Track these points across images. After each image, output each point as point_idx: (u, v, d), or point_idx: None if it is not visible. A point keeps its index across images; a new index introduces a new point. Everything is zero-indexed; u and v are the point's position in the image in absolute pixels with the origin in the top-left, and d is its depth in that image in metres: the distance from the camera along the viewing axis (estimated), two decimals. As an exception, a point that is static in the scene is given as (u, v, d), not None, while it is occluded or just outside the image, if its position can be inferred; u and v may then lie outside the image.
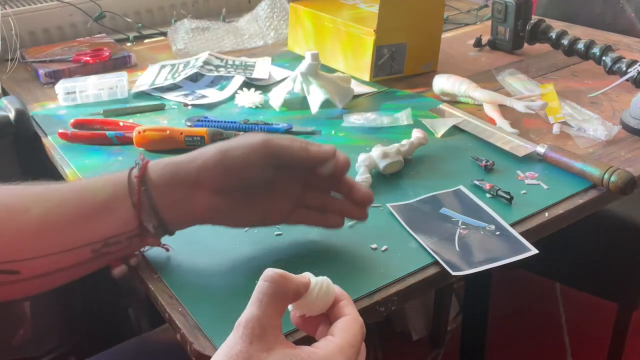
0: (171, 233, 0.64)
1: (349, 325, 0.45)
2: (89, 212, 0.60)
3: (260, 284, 0.43)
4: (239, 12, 1.49)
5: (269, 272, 0.43)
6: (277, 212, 0.66)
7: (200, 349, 0.56)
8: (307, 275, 0.47)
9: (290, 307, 0.47)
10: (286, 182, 0.65)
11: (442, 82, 1.04)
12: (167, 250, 0.66)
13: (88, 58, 1.21)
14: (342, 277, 0.58)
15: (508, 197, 0.75)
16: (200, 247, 0.69)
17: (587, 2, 1.51)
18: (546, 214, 0.74)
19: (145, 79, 1.16)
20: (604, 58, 1.08)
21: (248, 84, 1.12)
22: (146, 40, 1.41)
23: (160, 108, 1.06)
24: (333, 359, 0.42)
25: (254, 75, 1.15)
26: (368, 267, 0.65)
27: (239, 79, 1.12)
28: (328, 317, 0.47)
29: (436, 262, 0.66)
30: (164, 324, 0.88)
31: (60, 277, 0.60)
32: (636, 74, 1.02)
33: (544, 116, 0.95)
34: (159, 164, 0.62)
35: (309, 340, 0.48)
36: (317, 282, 0.47)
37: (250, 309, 0.42)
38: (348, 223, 0.73)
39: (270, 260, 0.67)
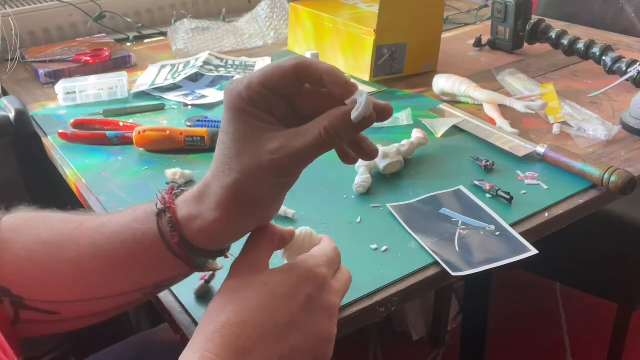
0: (227, 250, 0.59)
1: (322, 246, 0.54)
2: (130, 263, 0.54)
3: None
4: (239, 12, 1.49)
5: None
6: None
7: (200, 349, 0.56)
8: (292, 228, 0.55)
9: (281, 256, 0.56)
10: None
11: (442, 82, 1.04)
12: (227, 257, 0.59)
13: (88, 58, 1.21)
14: (342, 277, 0.58)
15: (508, 197, 0.75)
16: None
17: (587, 2, 1.51)
18: (546, 214, 0.74)
19: (145, 79, 1.15)
20: (604, 58, 1.08)
21: (248, 84, 1.12)
22: (146, 40, 1.41)
23: (160, 108, 1.06)
24: (304, 263, 0.50)
25: (254, 75, 1.15)
26: (368, 267, 0.65)
27: (239, 79, 1.12)
28: None
29: (436, 263, 0.66)
30: (164, 323, 0.88)
31: (105, 315, 0.57)
32: (636, 74, 1.02)
33: (544, 116, 0.95)
34: (191, 222, 0.52)
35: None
36: (302, 230, 0.56)
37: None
38: (348, 222, 0.73)
39: (270, 260, 0.66)
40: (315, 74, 0.49)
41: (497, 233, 0.70)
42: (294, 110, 0.51)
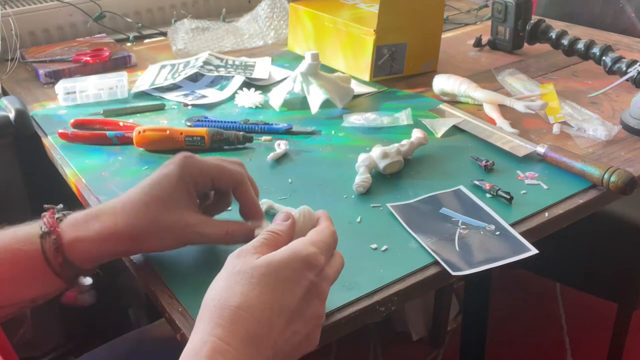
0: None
1: (319, 230, 0.56)
2: (9, 281, 0.58)
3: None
4: (239, 12, 1.49)
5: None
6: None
7: (200, 349, 0.56)
8: (289, 209, 0.58)
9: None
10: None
11: (442, 82, 1.04)
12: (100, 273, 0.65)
13: (88, 58, 1.21)
14: (342, 277, 0.57)
15: (508, 197, 0.75)
16: (200, 246, 0.69)
17: (587, 2, 1.51)
18: (546, 214, 0.74)
19: (145, 79, 1.16)
20: (604, 58, 1.08)
21: (248, 84, 1.12)
22: (146, 40, 1.41)
23: (160, 108, 1.06)
24: (305, 248, 0.52)
25: (254, 75, 1.15)
26: (368, 267, 0.65)
27: (239, 79, 1.12)
28: None
29: (436, 262, 0.66)
30: (159, 319, 0.88)
31: None
32: (636, 74, 1.02)
33: (544, 116, 0.95)
34: (76, 244, 0.58)
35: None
36: (300, 211, 0.58)
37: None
38: (348, 222, 0.73)
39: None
40: (240, 195, 0.64)
41: (497, 233, 0.70)
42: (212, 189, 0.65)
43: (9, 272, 0.57)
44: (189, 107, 1.06)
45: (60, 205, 0.62)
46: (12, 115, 0.99)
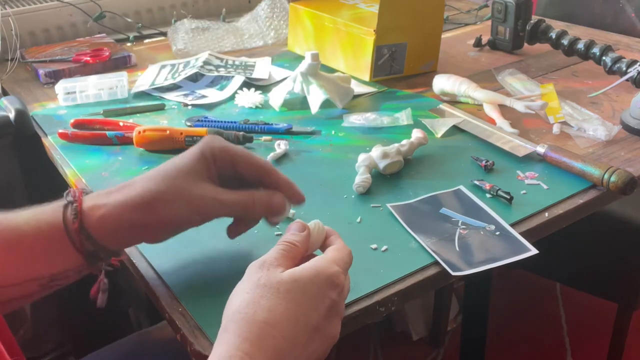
0: (119, 255, 0.64)
1: (339, 248, 0.56)
2: (31, 252, 0.58)
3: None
4: (239, 12, 1.49)
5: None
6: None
7: (200, 349, 0.56)
8: (301, 221, 0.58)
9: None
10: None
11: (442, 82, 1.04)
12: (117, 265, 0.65)
13: (88, 58, 1.21)
14: (342, 277, 0.58)
15: (508, 197, 0.75)
16: (200, 247, 0.69)
17: (587, 2, 1.51)
18: (546, 214, 0.74)
19: (145, 79, 1.16)
20: (604, 58, 1.08)
21: (248, 84, 1.12)
22: (146, 40, 1.41)
23: (160, 108, 1.06)
24: (331, 267, 0.52)
25: (254, 75, 1.15)
26: (368, 267, 0.65)
27: (239, 79, 1.12)
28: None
29: (436, 262, 0.66)
30: (161, 322, 0.88)
31: (3, 308, 0.60)
32: (636, 74, 1.02)
33: (544, 116, 0.95)
34: (94, 211, 0.58)
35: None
36: (312, 225, 0.58)
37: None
38: (348, 222, 0.73)
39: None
40: (273, 180, 0.63)
41: (497, 233, 0.70)
42: (234, 177, 0.63)
43: (31, 243, 0.57)
44: (189, 107, 1.06)
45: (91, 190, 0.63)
46: (12, 115, 0.99)
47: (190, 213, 0.60)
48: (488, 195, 0.77)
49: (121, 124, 0.97)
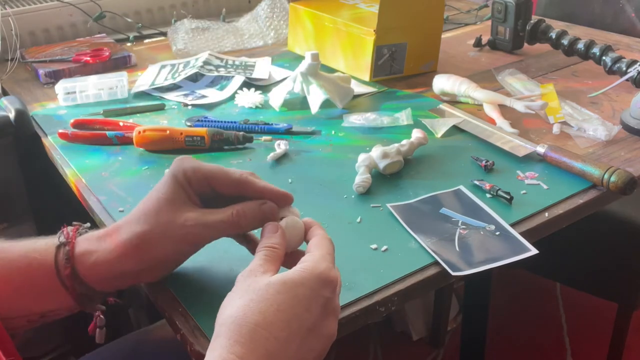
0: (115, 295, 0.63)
1: (320, 242, 0.55)
2: (21, 289, 0.58)
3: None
4: (239, 12, 1.49)
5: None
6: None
7: (200, 349, 0.56)
8: (272, 222, 0.57)
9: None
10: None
11: (442, 82, 1.04)
12: (112, 302, 0.64)
13: (88, 58, 1.21)
14: (342, 277, 0.57)
15: (508, 197, 0.75)
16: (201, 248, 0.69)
17: (587, 2, 1.51)
18: (546, 214, 0.74)
19: (145, 79, 1.16)
20: (604, 58, 1.08)
21: (248, 84, 1.12)
22: (146, 40, 1.41)
23: (160, 108, 1.06)
24: (319, 265, 0.51)
25: (254, 75, 1.15)
26: (368, 267, 0.65)
27: (239, 79, 1.12)
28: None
29: (436, 262, 0.66)
30: (160, 321, 0.88)
31: None
32: (636, 74, 1.02)
33: (544, 116, 0.95)
34: (87, 257, 0.58)
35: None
36: (286, 222, 0.57)
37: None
38: (348, 222, 0.73)
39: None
40: (254, 191, 0.59)
41: (497, 233, 0.70)
42: (216, 195, 0.60)
43: (22, 280, 0.57)
44: (189, 107, 1.06)
45: (88, 224, 0.62)
46: (12, 115, 0.99)
47: (178, 246, 0.58)
48: (488, 195, 0.77)
49: (121, 124, 0.97)
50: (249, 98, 1.05)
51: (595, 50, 1.10)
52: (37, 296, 0.58)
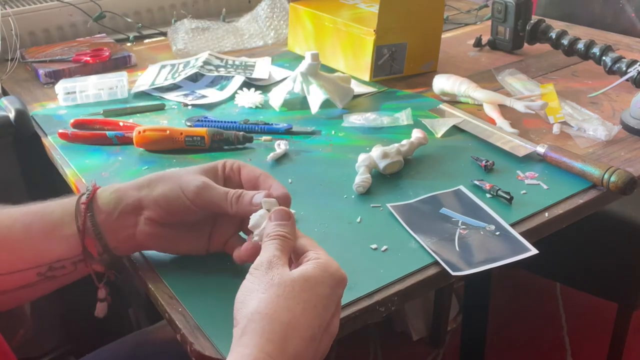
0: (116, 259, 0.64)
1: (312, 242, 0.55)
2: (35, 236, 0.60)
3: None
4: (239, 12, 1.49)
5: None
6: (219, 239, 0.65)
7: (200, 349, 0.56)
8: (283, 208, 0.57)
9: (253, 239, 0.58)
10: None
11: (442, 82, 1.04)
12: (114, 276, 0.66)
13: (88, 58, 1.21)
14: (342, 277, 0.58)
15: (508, 197, 0.75)
16: (200, 247, 0.69)
17: (587, 2, 1.51)
18: (546, 214, 0.74)
19: (145, 79, 1.16)
20: (604, 58, 1.08)
21: (248, 84, 1.12)
22: (146, 40, 1.41)
23: (160, 108, 1.06)
24: (331, 262, 0.52)
25: (254, 75, 1.15)
26: (368, 267, 0.65)
27: (239, 79, 1.12)
28: None
29: (436, 262, 0.66)
30: (160, 322, 0.88)
31: (4, 300, 0.61)
32: (636, 74, 1.02)
33: (544, 116, 0.95)
34: (107, 190, 0.63)
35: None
36: (260, 213, 0.57)
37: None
38: (348, 222, 0.73)
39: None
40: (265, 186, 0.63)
41: (497, 233, 0.70)
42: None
43: (34, 225, 0.61)
44: (189, 107, 1.06)
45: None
46: (12, 115, 0.99)
47: (178, 190, 0.61)
48: (488, 195, 0.77)
49: (121, 124, 0.97)
50: (249, 98, 1.05)
51: (595, 50, 1.10)
52: (47, 241, 0.60)
